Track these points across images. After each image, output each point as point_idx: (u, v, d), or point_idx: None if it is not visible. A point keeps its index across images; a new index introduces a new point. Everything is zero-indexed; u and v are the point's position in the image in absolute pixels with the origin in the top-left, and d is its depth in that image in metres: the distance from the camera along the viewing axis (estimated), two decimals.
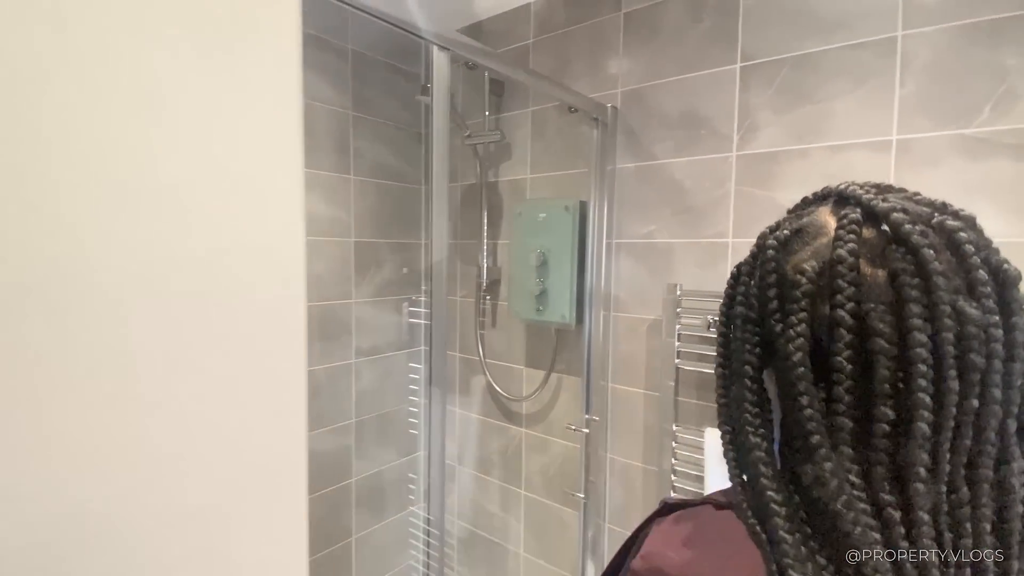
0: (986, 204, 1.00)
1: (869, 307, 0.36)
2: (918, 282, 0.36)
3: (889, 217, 0.38)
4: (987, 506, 0.36)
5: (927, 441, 0.35)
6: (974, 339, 0.35)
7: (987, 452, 0.36)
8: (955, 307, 0.35)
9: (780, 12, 1.22)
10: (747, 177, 1.28)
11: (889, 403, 0.36)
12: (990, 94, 0.99)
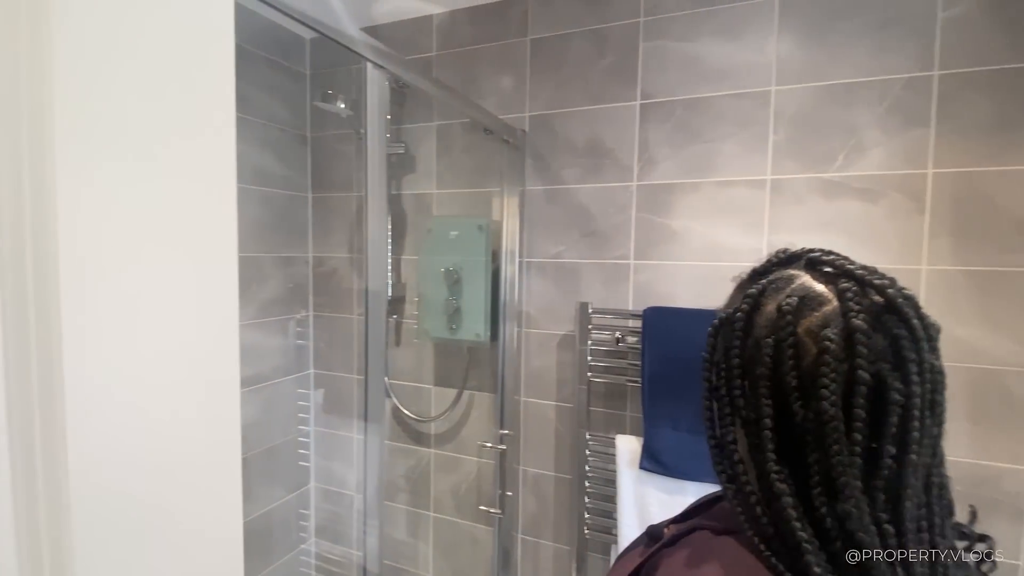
0: (838, 237, 1.22)
1: (884, 367, 0.42)
2: (911, 345, 0.43)
3: (885, 292, 0.44)
4: (936, 509, 0.45)
5: (917, 468, 0.43)
6: (941, 385, 0.44)
7: (935, 466, 0.45)
8: (931, 363, 0.43)
9: (675, 58, 1.35)
10: (646, 205, 1.40)
11: (892, 441, 0.43)
12: (843, 145, 1.21)
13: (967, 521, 0.51)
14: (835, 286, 0.46)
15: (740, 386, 0.49)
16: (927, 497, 0.44)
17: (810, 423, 0.44)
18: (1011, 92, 1.09)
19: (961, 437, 1.15)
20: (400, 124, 1.70)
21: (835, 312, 0.44)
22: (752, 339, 0.48)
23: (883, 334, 0.43)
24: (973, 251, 1.12)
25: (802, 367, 0.44)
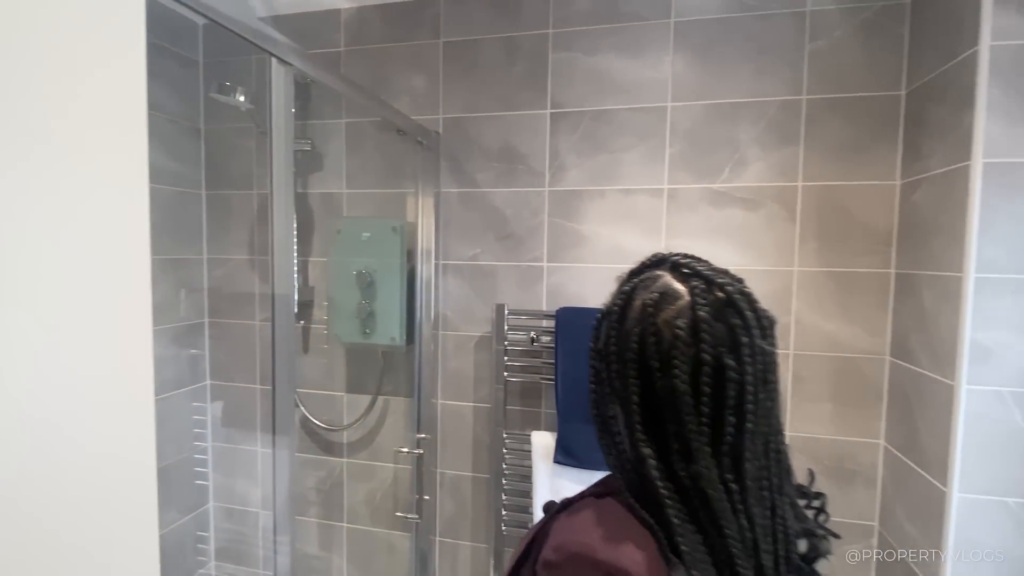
0: (725, 242, 1.34)
1: (722, 351, 0.50)
2: (745, 332, 0.51)
3: (725, 289, 0.52)
4: (774, 469, 0.53)
5: (755, 435, 0.51)
6: (772, 365, 0.52)
7: (772, 434, 0.53)
8: (762, 348, 0.51)
9: (583, 70, 1.41)
10: (558, 210, 1.45)
11: (732, 412, 0.50)
12: (729, 159, 1.33)
13: (807, 483, 0.61)
14: (688, 285, 0.53)
15: (616, 369, 0.55)
16: (766, 460, 0.52)
17: (667, 398, 0.51)
18: (865, 117, 1.26)
19: (825, 417, 1.31)
20: (306, 120, 1.63)
21: (687, 306, 0.52)
22: (624, 329, 0.54)
23: (723, 324, 0.51)
24: (834, 255, 1.29)
25: (661, 351, 0.51)
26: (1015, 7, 0.95)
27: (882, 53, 1.25)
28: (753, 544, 0.50)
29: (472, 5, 1.48)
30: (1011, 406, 0.98)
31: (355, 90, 1.23)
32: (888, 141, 1.25)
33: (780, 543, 0.52)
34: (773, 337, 0.53)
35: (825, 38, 1.27)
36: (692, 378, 0.50)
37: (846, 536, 1.33)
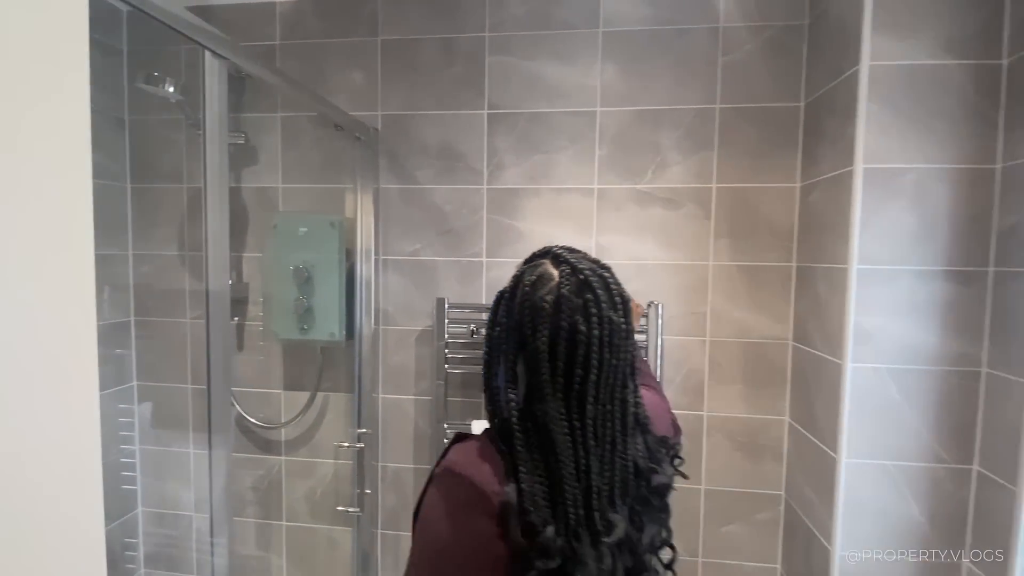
0: (649, 238, 1.44)
1: (577, 319, 0.63)
2: (595, 305, 0.63)
3: (583, 272, 0.65)
4: (617, 414, 0.65)
5: (599, 386, 0.63)
6: (616, 331, 0.64)
7: (618, 385, 0.64)
8: (609, 317, 0.63)
9: (518, 74, 1.47)
10: (496, 207, 1.51)
11: (580, 366, 0.62)
12: (652, 162, 1.43)
13: (672, 435, 0.77)
14: (559, 270, 0.66)
15: (502, 335, 0.68)
16: (612, 406, 0.64)
17: (533, 356, 0.64)
18: (770, 125, 1.39)
19: (738, 397, 1.44)
20: (240, 113, 1.59)
21: (555, 286, 0.65)
22: (512, 304, 0.67)
23: (580, 299, 0.63)
24: (744, 250, 1.42)
25: (533, 320, 0.64)
26: (890, 32, 1.09)
27: (784, 68, 1.38)
28: (586, 469, 0.62)
29: (409, 5, 1.50)
30: (888, 381, 1.12)
31: (291, 85, 1.23)
32: (789, 147, 1.39)
33: (618, 471, 0.64)
34: (623, 311, 0.66)
35: (736, 52, 1.39)
36: (551, 340, 0.63)
37: (758, 505, 1.46)
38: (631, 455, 0.65)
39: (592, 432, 0.63)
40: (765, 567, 1.47)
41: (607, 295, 0.64)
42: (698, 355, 1.46)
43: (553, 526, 0.60)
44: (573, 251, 0.69)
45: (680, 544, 1.48)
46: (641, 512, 0.67)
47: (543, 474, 0.62)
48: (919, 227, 1.09)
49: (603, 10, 1.43)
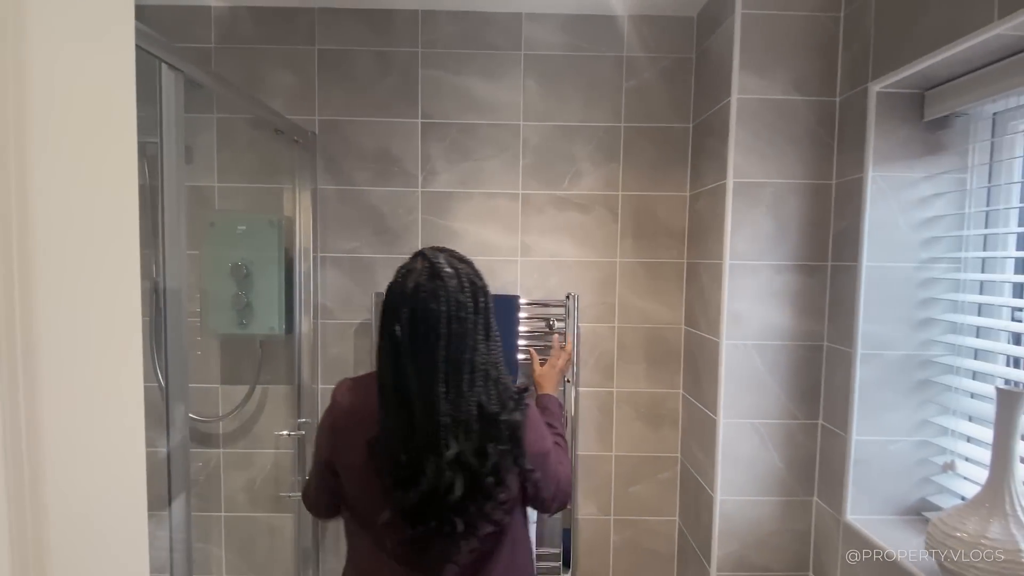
0: (566, 237, 1.62)
1: (428, 299, 0.82)
2: (443, 289, 0.82)
3: (437, 265, 0.84)
4: (466, 369, 0.83)
5: (445, 347, 0.82)
6: (462, 307, 0.83)
7: (467, 348, 0.83)
8: (456, 297, 0.82)
9: (449, 87, 1.60)
10: (430, 209, 1.62)
11: (432, 333, 0.81)
12: (568, 171, 1.61)
13: (519, 388, 0.93)
14: (421, 265, 0.86)
15: (382, 313, 0.87)
16: (460, 364, 0.83)
17: (400, 327, 0.83)
18: (666, 143, 1.61)
19: (642, 375, 1.66)
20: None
21: (416, 275, 0.84)
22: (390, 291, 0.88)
23: (432, 284, 0.83)
24: (645, 249, 1.63)
25: (399, 302, 0.84)
26: (753, 71, 1.32)
27: (677, 94, 1.61)
28: (435, 408, 0.82)
29: (346, 18, 1.58)
30: (753, 354, 1.36)
31: (232, 90, 1.27)
32: (680, 162, 1.62)
33: (463, 410, 0.83)
34: (470, 292, 0.84)
35: (637, 79, 1.60)
36: (411, 315, 0.82)
37: (659, 467, 1.68)
38: (476, 399, 0.83)
39: (443, 381, 0.82)
40: (666, 520, 1.70)
41: (456, 282, 0.83)
42: (608, 339, 1.66)
43: (404, 449, 0.83)
44: (442, 250, 0.89)
45: (594, 505, 1.68)
46: (487, 444, 0.84)
47: (404, 407, 0.83)
48: (775, 230, 1.34)
49: (525, 34, 1.59)
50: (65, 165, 0.33)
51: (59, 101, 0.32)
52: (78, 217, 0.34)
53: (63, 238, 0.33)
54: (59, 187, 0.32)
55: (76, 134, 0.33)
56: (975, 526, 0.93)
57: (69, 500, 0.35)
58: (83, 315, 0.35)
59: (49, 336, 0.32)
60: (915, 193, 1.20)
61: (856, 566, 1.22)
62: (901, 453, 1.24)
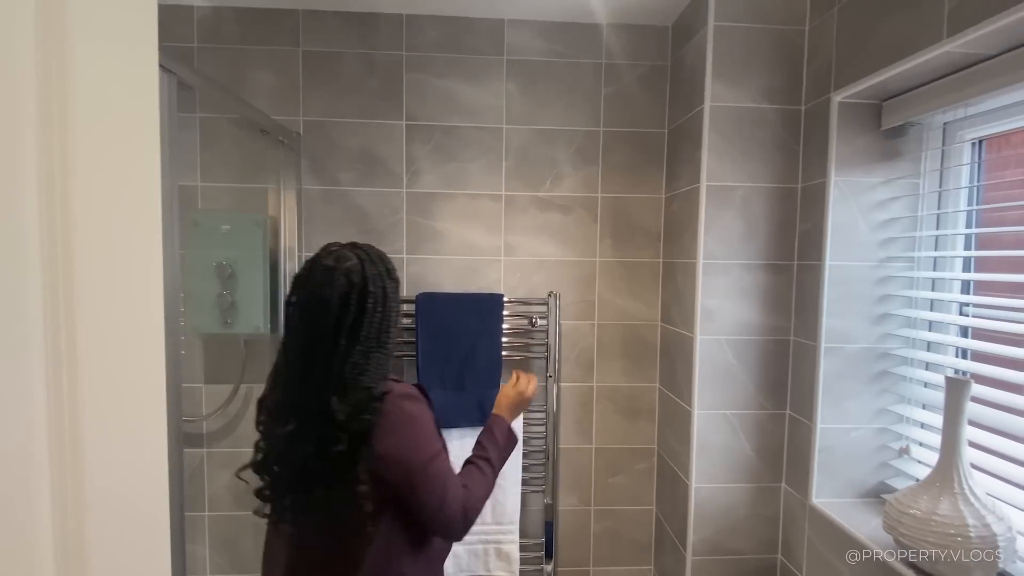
0: (548, 238, 1.66)
1: (293, 293, 0.90)
2: (307, 285, 0.90)
3: (318, 259, 0.91)
4: (320, 358, 0.88)
5: (299, 341, 0.90)
6: (322, 305, 0.87)
7: (316, 341, 0.88)
8: (320, 294, 0.87)
9: (433, 91, 1.62)
10: (415, 209, 1.64)
11: (292, 324, 0.91)
12: (550, 173, 1.65)
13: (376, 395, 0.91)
14: (352, 252, 0.92)
15: None
16: (309, 360, 0.88)
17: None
18: (643, 147, 1.67)
19: (620, 370, 1.71)
20: None
21: (305, 264, 0.93)
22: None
23: (303, 275, 0.91)
24: (623, 249, 1.68)
25: (289, 289, 0.94)
26: (725, 80, 1.38)
27: (653, 100, 1.66)
28: (286, 384, 0.90)
29: (331, 21, 1.59)
30: (725, 348, 1.42)
31: (220, 90, 1.28)
32: (657, 166, 1.67)
33: (308, 402, 0.87)
34: (344, 291, 0.87)
35: (615, 85, 1.65)
36: (285, 303, 0.92)
37: (637, 458, 1.74)
38: (324, 397, 0.85)
39: (298, 369, 0.88)
40: (644, 509, 1.76)
41: (326, 277, 0.88)
42: (588, 336, 1.70)
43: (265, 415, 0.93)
44: (354, 246, 0.94)
45: (575, 496, 1.72)
46: (325, 440, 0.85)
47: (277, 383, 0.93)
48: (746, 231, 1.40)
49: (507, 40, 1.62)
50: (104, 173, 0.35)
51: (97, 110, 0.34)
52: (116, 224, 0.36)
53: (102, 242, 0.35)
54: (98, 196, 0.34)
55: (112, 142, 0.35)
56: (927, 504, 1.01)
57: (106, 493, 0.37)
58: (116, 315, 0.37)
59: (87, 338, 0.34)
60: (873, 197, 1.28)
61: (821, 546, 1.30)
62: (861, 440, 1.32)
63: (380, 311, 0.90)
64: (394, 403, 0.91)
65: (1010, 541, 0.96)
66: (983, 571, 0.96)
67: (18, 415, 0.30)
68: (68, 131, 0.31)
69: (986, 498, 0.99)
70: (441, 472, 0.94)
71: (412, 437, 0.92)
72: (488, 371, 1.59)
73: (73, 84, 0.31)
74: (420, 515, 0.94)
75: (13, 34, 0.28)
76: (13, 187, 0.29)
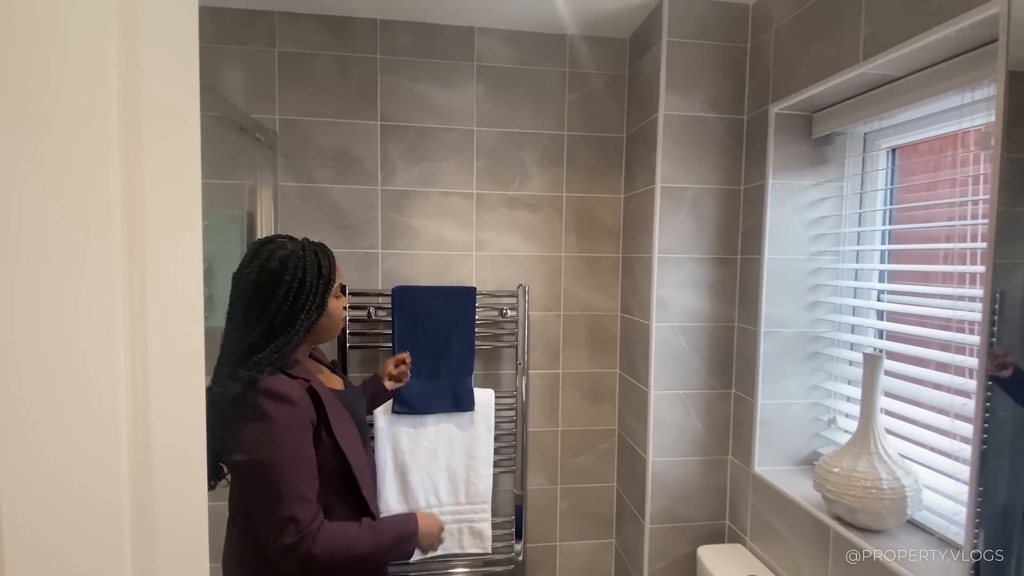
0: (517, 235, 1.74)
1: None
2: (299, 261, 0.94)
3: (256, 242, 0.97)
4: (237, 326, 0.96)
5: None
6: (239, 282, 0.96)
7: (230, 321, 0.98)
8: (241, 272, 0.95)
9: (407, 93, 1.67)
10: (390, 206, 1.69)
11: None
12: (518, 174, 1.73)
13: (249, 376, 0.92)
14: (288, 241, 0.97)
15: None
16: (227, 326, 0.96)
17: None
18: (604, 150, 1.77)
19: (584, 357, 1.81)
20: None
21: (275, 245, 0.97)
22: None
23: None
24: (586, 245, 1.78)
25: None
26: (677, 90, 1.50)
27: (613, 107, 1.77)
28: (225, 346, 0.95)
29: (306, 23, 1.62)
30: (678, 335, 1.54)
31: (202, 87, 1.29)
32: (616, 168, 1.78)
33: (218, 368, 0.93)
34: (256, 274, 0.92)
35: (579, 92, 1.75)
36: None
37: (599, 439, 1.84)
38: (220, 364, 0.94)
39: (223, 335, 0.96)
40: (606, 486, 1.86)
41: (250, 259, 0.94)
42: (555, 326, 1.79)
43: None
44: (289, 239, 0.99)
45: (543, 476, 1.81)
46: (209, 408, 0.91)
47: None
48: (696, 228, 1.52)
49: (477, 47, 1.69)
50: (166, 168, 0.40)
51: (161, 118, 0.39)
52: (172, 221, 0.42)
53: (165, 237, 0.40)
54: (161, 198, 0.40)
55: (167, 140, 0.41)
56: (848, 463, 1.15)
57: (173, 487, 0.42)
58: (173, 305, 0.43)
59: (158, 338, 0.39)
60: (805, 198, 1.42)
61: (762, 509, 1.43)
62: (796, 413, 1.46)
63: (290, 300, 0.92)
64: (252, 395, 0.88)
65: (916, 492, 1.11)
66: (895, 517, 1.10)
67: (104, 379, 0.35)
68: (141, 137, 0.37)
69: (898, 457, 1.14)
70: (277, 483, 0.86)
71: (251, 434, 0.87)
72: (461, 360, 1.65)
73: (143, 93, 0.37)
74: (249, 506, 0.91)
75: (100, 41, 0.34)
76: (105, 190, 0.34)
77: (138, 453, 0.37)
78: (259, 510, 0.88)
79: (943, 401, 1.07)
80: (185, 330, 0.46)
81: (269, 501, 0.87)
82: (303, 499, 0.88)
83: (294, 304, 0.94)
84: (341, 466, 0.98)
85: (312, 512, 0.89)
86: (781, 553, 1.35)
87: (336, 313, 1.05)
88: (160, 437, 0.39)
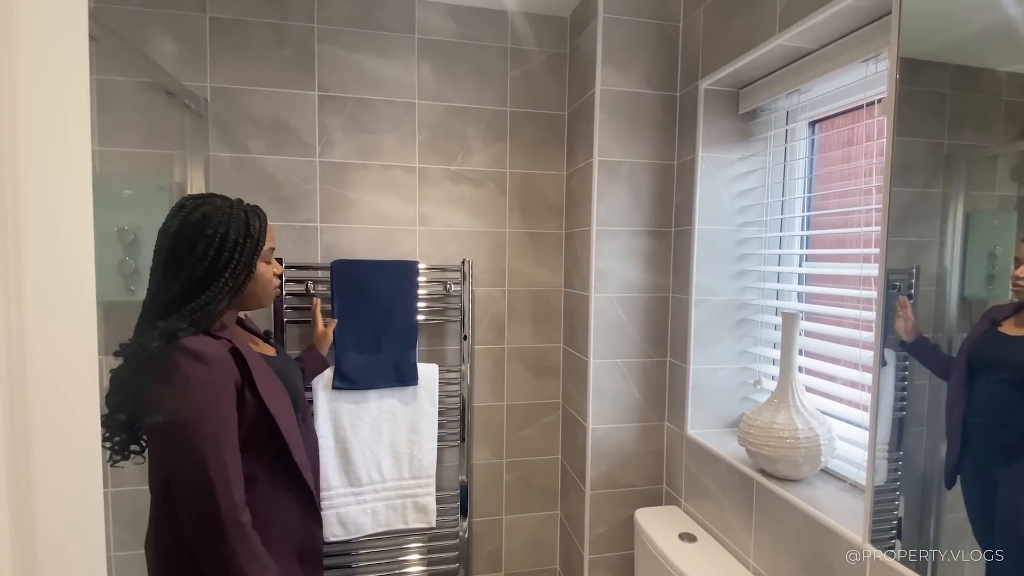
0: (461, 209, 1.71)
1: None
2: (203, 220, 0.89)
3: (178, 201, 0.92)
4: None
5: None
6: (160, 238, 0.91)
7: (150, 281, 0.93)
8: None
9: (345, 63, 1.61)
10: (329, 178, 1.63)
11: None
12: (461, 148, 1.70)
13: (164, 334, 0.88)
14: (218, 199, 0.94)
15: None
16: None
17: None
18: (546, 126, 1.76)
19: (529, 332, 1.80)
20: None
21: (200, 201, 0.93)
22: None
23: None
24: (530, 221, 1.78)
25: None
26: (613, 67, 1.50)
27: (554, 84, 1.76)
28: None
29: None
30: (616, 305, 1.55)
31: (123, 44, 1.20)
32: (558, 144, 1.78)
33: (158, 313, 0.89)
34: (169, 233, 0.89)
35: (521, 68, 1.74)
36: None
37: (544, 412, 1.84)
38: (139, 322, 0.92)
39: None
40: (550, 458, 1.87)
41: (170, 218, 0.90)
42: (500, 301, 1.78)
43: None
44: (206, 196, 0.94)
45: (488, 450, 1.79)
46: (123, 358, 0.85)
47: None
48: (632, 201, 1.54)
49: (417, 20, 1.65)
50: (45, 138, 0.36)
51: (39, 94, 0.35)
52: (58, 203, 0.38)
53: (43, 209, 0.37)
54: (39, 164, 0.36)
55: (51, 122, 0.37)
56: (768, 416, 1.18)
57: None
58: (56, 284, 0.39)
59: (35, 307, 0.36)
60: (732, 171, 1.45)
61: (695, 470, 1.46)
62: (726, 378, 1.50)
63: (211, 255, 0.88)
64: (169, 354, 0.83)
65: (830, 442, 1.15)
66: (810, 465, 1.14)
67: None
68: (16, 98, 0.32)
69: (814, 409, 1.18)
70: (196, 446, 0.80)
71: (167, 394, 0.82)
72: (404, 334, 1.61)
73: (18, 51, 0.33)
74: (161, 473, 0.86)
75: None
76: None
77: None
78: (177, 475, 0.82)
79: (854, 355, 1.12)
80: (75, 328, 0.39)
81: (187, 465, 0.81)
82: (223, 464, 0.82)
83: (215, 260, 0.89)
84: (269, 430, 0.93)
85: (234, 475, 0.84)
86: (712, 511, 1.39)
87: (265, 278, 1.00)
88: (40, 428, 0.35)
